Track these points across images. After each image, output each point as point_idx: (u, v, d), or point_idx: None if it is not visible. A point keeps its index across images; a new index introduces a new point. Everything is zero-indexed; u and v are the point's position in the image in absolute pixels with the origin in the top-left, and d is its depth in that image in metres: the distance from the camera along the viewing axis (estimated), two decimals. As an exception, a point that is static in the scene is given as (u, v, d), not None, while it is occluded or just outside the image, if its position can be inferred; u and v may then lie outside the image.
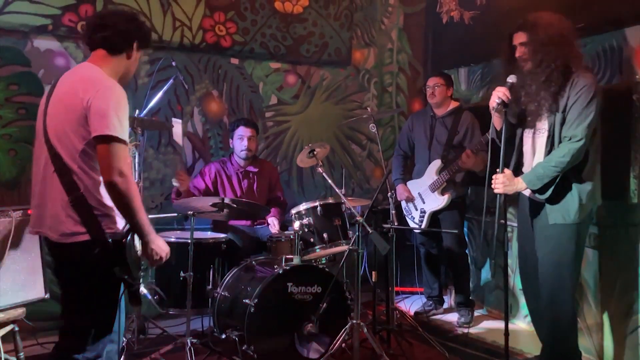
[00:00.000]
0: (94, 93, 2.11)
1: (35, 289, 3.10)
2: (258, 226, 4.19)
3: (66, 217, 2.14)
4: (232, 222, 4.09)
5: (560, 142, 2.85)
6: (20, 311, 2.98)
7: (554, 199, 2.92)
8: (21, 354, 3.01)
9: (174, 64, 4.06)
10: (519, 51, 2.93)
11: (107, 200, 2.15)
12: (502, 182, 2.90)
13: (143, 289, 2.26)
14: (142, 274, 2.26)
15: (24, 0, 3.75)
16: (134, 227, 2.17)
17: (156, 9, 4.21)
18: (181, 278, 3.39)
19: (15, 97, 3.81)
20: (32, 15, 3.78)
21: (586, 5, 3.43)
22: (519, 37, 2.93)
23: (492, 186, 2.93)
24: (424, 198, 4.18)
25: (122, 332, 2.32)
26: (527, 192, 3.06)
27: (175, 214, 4.10)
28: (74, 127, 2.13)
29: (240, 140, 4.11)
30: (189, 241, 3.33)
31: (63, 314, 2.29)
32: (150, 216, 3.91)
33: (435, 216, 4.15)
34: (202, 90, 4.50)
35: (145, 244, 2.22)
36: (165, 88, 3.90)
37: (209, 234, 3.83)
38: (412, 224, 4.28)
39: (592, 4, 3.40)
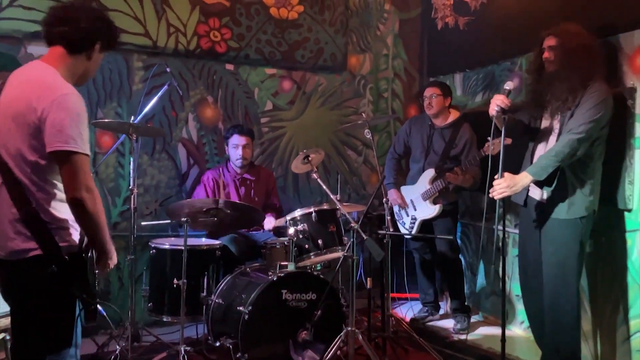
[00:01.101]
0: (49, 102, 1.89)
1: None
2: (253, 232, 4.17)
3: (15, 234, 1.95)
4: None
5: None
6: (12, 319, 2.95)
7: (559, 196, 3.01)
8: (13, 362, 2.98)
9: (168, 70, 4.05)
10: (547, 54, 3.09)
11: (61, 212, 1.99)
12: (507, 185, 2.95)
13: (99, 306, 2.14)
14: (97, 289, 2.14)
15: (17, 7, 3.75)
16: (96, 243, 2.03)
17: (151, 15, 4.20)
18: (175, 285, 3.37)
19: (9, 103, 3.79)
20: (25, 22, 3.77)
21: (580, 12, 3.44)
22: (549, 41, 3.09)
23: (496, 192, 2.95)
24: (415, 205, 4.17)
25: (79, 345, 2.15)
26: (536, 196, 3.12)
27: (169, 221, 4.07)
28: (25, 137, 1.93)
29: (235, 149, 4.09)
30: (183, 248, 3.32)
31: (14, 332, 2.10)
32: (144, 223, 3.99)
33: (428, 222, 4.13)
34: (196, 96, 4.48)
35: (104, 259, 2.09)
36: (159, 94, 3.88)
37: (204, 241, 3.82)
38: (402, 229, 4.27)
39: (587, 11, 3.40)
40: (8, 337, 2.93)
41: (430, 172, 4.10)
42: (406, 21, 5.41)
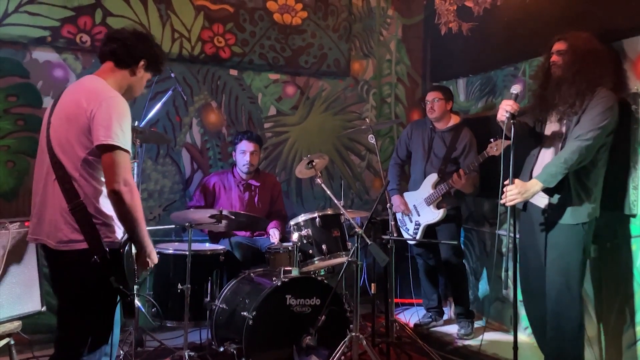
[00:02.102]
0: (97, 103, 2.13)
1: (31, 302, 3.08)
2: (257, 237, 4.18)
3: (64, 224, 2.14)
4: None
5: None
6: (17, 324, 2.95)
7: (562, 202, 3.01)
8: (17, 367, 2.99)
9: (172, 75, 4.07)
10: (555, 57, 3.10)
11: (107, 209, 2.17)
12: (518, 192, 2.95)
13: (137, 301, 2.25)
14: (137, 285, 2.26)
15: (23, 13, 3.77)
16: (135, 237, 2.18)
17: (155, 21, 4.22)
18: (179, 290, 3.37)
19: (14, 108, 3.81)
20: (31, 27, 3.79)
21: (584, 17, 3.44)
22: (559, 46, 3.10)
23: (507, 199, 2.95)
24: (419, 210, 4.16)
25: (116, 344, 2.31)
26: (542, 204, 3.11)
27: (174, 225, 4.08)
28: (77, 136, 2.15)
29: (243, 155, 4.11)
30: (187, 253, 3.32)
31: (59, 324, 2.27)
32: (148, 228, 3.99)
33: (431, 228, 4.13)
34: (200, 101, 4.50)
35: (142, 255, 2.23)
36: (164, 99, 3.90)
37: (207, 246, 3.82)
38: (406, 235, 4.27)
39: (590, 16, 3.41)
40: (13, 342, 2.95)
41: (433, 177, 4.10)
42: (409, 27, 5.42)
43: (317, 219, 3.57)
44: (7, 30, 3.73)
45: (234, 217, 3.51)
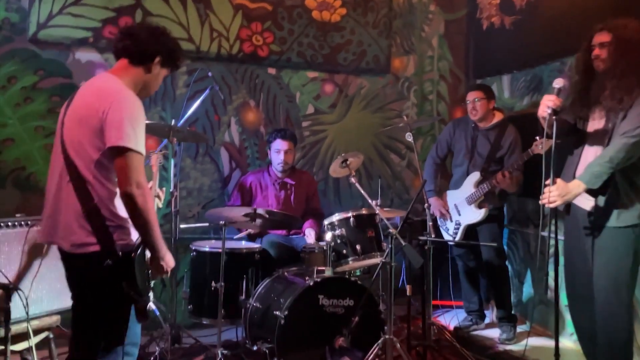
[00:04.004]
0: (109, 104, 2.09)
1: (70, 296, 3.15)
2: (294, 236, 4.16)
3: (78, 228, 2.11)
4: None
5: None
6: (55, 318, 3.03)
7: (609, 203, 2.82)
8: (56, 360, 3.06)
9: (209, 74, 4.09)
10: (598, 51, 2.88)
11: (121, 211, 2.14)
12: (558, 194, 2.79)
13: (152, 305, 2.22)
14: (151, 289, 2.22)
15: (66, 14, 3.87)
16: (147, 240, 2.15)
17: (194, 20, 4.26)
18: (212, 288, 3.39)
19: (58, 108, 3.88)
20: (73, 29, 3.90)
21: (634, 9, 3.26)
22: (602, 37, 2.87)
23: (547, 200, 2.81)
24: (459, 210, 4.05)
25: (137, 344, 2.29)
26: (587, 206, 2.93)
27: (212, 224, 4.10)
28: (90, 137, 2.11)
29: (277, 154, 4.10)
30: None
31: (73, 323, 2.26)
32: (185, 225, 4.04)
33: (472, 228, 4.01)
34: (239, 100, 4.52)
35: (156, 258, 2.21)
36: (202, 98, 3.93)
37: (243, 244, 3.83)
38: (446, 236, 4.16)
39: (630, 13, 3.22)
40: (52, 336, 3.03)
41: (475, 175, 3.98)
42: (452, 22, 5.30)
43: (352, 219, 3.52)
44: (51, 31, 3.84)
45: (267, 216, 3.49)
